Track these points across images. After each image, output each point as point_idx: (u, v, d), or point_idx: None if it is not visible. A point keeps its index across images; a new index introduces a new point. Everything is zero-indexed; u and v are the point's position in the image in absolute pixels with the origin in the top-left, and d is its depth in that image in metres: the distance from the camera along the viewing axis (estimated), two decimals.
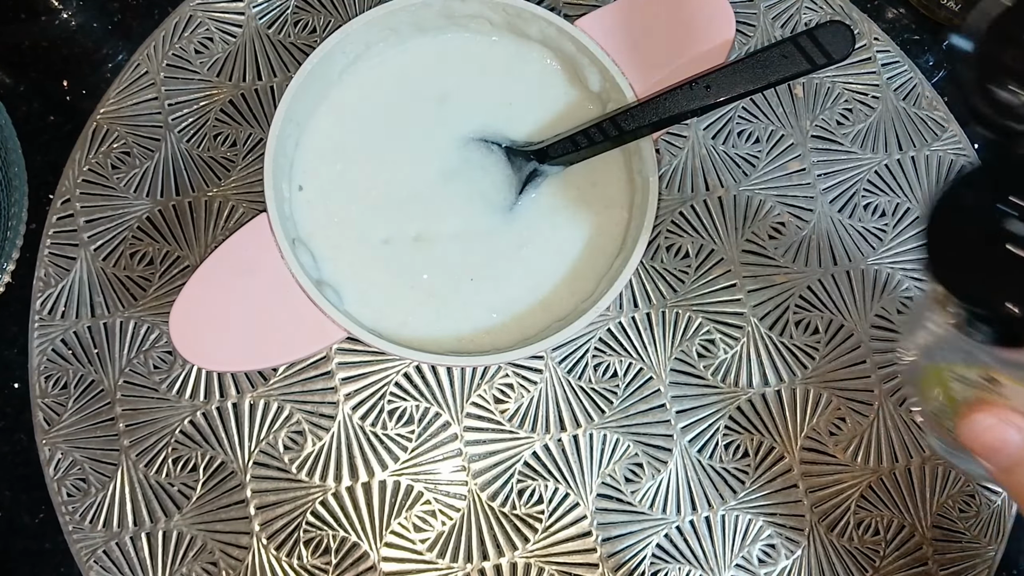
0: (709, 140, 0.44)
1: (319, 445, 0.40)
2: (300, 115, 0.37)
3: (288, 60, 0.45)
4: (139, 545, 0.39)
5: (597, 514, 0.40)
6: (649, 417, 0.41)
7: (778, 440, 0.41)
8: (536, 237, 0.38)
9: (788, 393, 0.41)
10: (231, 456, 0.40)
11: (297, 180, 0.38)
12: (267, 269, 0.34)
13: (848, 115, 0.45)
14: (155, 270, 0.42)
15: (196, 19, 0.45)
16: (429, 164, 0.38)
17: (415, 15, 0.38)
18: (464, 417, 0.41)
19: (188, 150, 0.43)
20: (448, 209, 0.38)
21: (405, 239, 0.38)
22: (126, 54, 0.45)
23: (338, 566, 0.39)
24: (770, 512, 0.40)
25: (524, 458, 0.40)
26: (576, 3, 0.46)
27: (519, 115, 0.39)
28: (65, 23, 0.46)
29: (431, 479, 0.40)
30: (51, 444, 0.40)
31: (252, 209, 0.42)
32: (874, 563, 0.40)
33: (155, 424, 0.40)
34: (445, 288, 0.37)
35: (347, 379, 0.41)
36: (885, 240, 0.44)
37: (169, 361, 0.41)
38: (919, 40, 0.47)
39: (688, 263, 0.43)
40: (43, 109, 0.44)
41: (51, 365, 0.41)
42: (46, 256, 0.42)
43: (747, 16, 0.46)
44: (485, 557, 0.39)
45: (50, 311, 0.41)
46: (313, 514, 0.39)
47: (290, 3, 0.45)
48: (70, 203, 0.42)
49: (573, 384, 0.41)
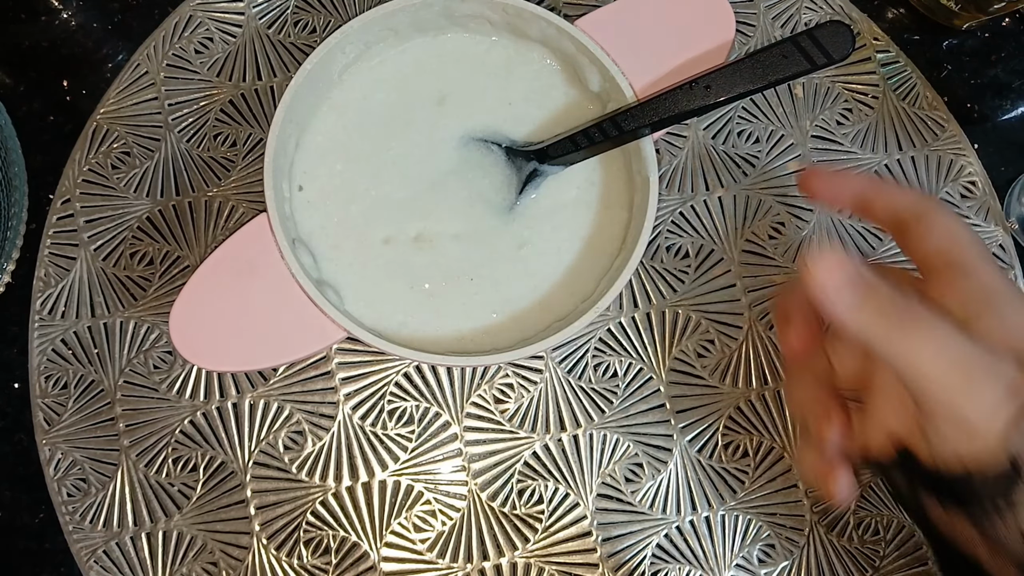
0: (709, 140, 0.44)
1: (319, 445, 0.40)
2: (300, 115, 0.37)
3: (288, 60, 0.45)
4: (139, 545, 0.39)
5: (597, 514, 0.40)
6: (649, 417, 0.41)
7: (778, 440, 0.41)
8: (536, 237, 0.38)
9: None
10: (231, 456, 0.40)
11: (297, 180, 0.38)
12: (267, 269, 0.34)
13: (848, 115, 0.45)
14: (155, 270, 0.42)
15: (196, 19, 0.45)
16: (429, 164, 0.38)
17: (415, 15, 0.38)
18: (464, 417, 0.41)
19: (188, 150, 0.43)
20: (448, 209, 0.38)
21: (405, 239, 0.37)
22: (126, 54, 0.45)
23: (338, 566, 0.39)
24: (770, 512, 0.40)
25: (524, 458, 0.40)
26: (576, 3, 0.46)
27: (519, 115, 0.39)
28: (65, 23, 0.46)
29: (431, 479, 0.40)
30: (51, 444, 0.40)
31: (252, 209, 0.42)
32: (874, 563, 0.40)
33: (155, 424, 0.40)
34: (445, 288, 0.37)
35: (347, 379, 0.41)
36: (885, 240, 0.44)
37: (169, 361, 0.41)
38: (919, 40, 0.47)
39: (688, 263, 0.43)
40: (43, 109, 0.44)
41: (51, 365, 0.41)
42: (46, 256, 0.42)
43: (747, 16, 0.46)
44: (485, 557, 0.39)
45: (50, 311, 0.41)
46: (313, 514, 0.39)
47: (290, 3, 0.45)
48: (70, 203, 0.42)
49: (573, 384, 0.41)
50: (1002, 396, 0.23)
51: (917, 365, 0.24)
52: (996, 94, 0.47)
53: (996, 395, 0.23)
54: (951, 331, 0.24)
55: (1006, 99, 0.47)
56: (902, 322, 0.24)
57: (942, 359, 0.24)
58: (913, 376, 0.24)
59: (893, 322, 0.24)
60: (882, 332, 0.24)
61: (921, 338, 0.24)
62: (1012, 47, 0.48)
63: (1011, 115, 0.47)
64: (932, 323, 0.24)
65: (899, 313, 0.24)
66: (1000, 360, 0.24)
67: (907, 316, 0.24)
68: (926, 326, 0.24)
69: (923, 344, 0.24)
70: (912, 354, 0.24)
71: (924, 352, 0.24)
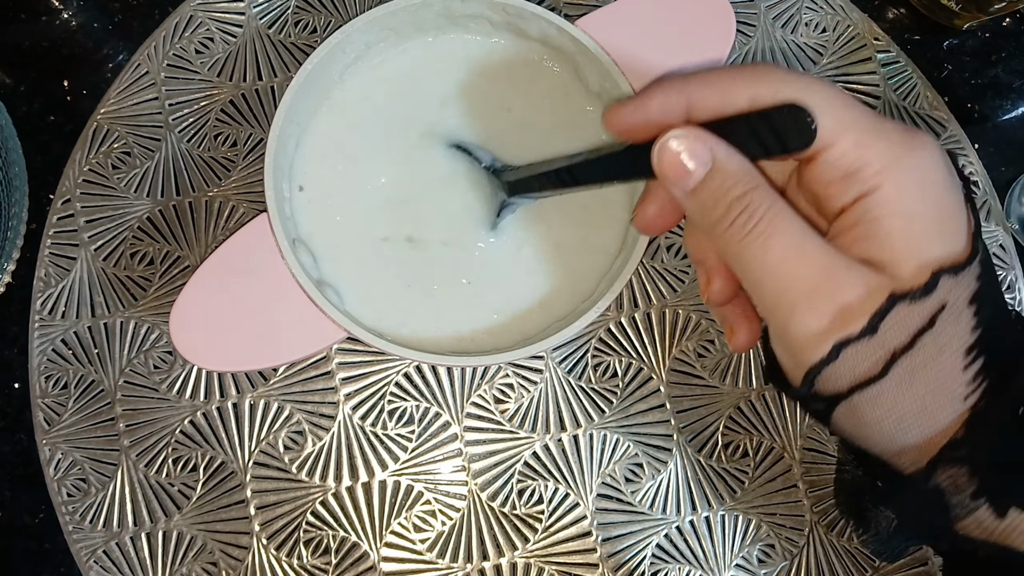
0: None
1: (319, 445, 0.40)
2: (300, 115, 0.37)
3: (288, 60, 0.45)
4: (139, 545, 0.39)
5: (597, 514, 0.40)
6: (649, 417, 0.41)
7: (778, 440, 0.41)
8: (535, 237, 0.38)
9: None
10: (231, 456, 0.40)
11: (297, 180, 0.38)
12: (267, 269, 0.34)
13: None
14: (155, 270, 0.42)
15: (196, 19, 0.45)
16: (427, 166, 0.38)
17: (415, 15, 0.38)
18: (464, 417, 0.41)
19: (188, 150, 0.43)
20: (443, 213, 0.38)
21: (404, 240, 0.37)
22: (126, 54, 0.45)
23: (338, 566, 0.39)
24: (770, 512, 0.40)
25: (524, 458, 0.40)
26: (576, 3, 0.46)
27: (518, 116, 0.39)
28: (65, 23, 0.46)
29: (431, 479, 0.40)
30: (51, 444, 0.40)
31: (252, 209, 0.42)
32: (874, 563, 0.40)
33: (155, 424, 0.40)
34: (445, 288, 0.37)
35: (347, 379, 0.41)
36: None
37: (169, 361, 0.41)
38: (919, 40, 0.47)
39: (688, 262, 0.43)
40: (43, 109, 0.44)
41: (51, 365, 0.41)
42: (46, 256, 0.42)
43: (747, 16, 0.46)
44: (485, 557, 0.39)
45: (50, 311, 0.41)
46: (313, 514, 0.39)
47: (290, 3, 0.46)
48: (70, 203, 0.42)
49: (573, 384, 0.41)
50: (825, 325, 0.21)
51: (751, 273, 0.22)
52: (996, 94, 0.47)
53: (821, 323, 0.21)
54: (799, 235, 0.22)
55: (1006, 99, 0.47)
56: (745, 218, 0.22)
57: (781, 271, 0.21)
58: (746, 284, 0.22)
59: (732, 216, 0.22)
60: (719, 228, 0.22)
61: (761, 244, 0.22)
62: (1012, 47, 0.48)
63: (1011, 115, 0.47)
64: (780, 223, 0.22)
65: (743, 204, 0.22)
66: (848, 272, 0.21)
67: (754, 209, 0.22)
68: (772, 226, 0.22)
69: (759, 249, 0.22)
70: (747, 259, 0.22)
71: (761, 259, 0.22)
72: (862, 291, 0.21)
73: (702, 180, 0.23)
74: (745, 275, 0.22)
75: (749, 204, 0.22)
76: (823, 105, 0.22)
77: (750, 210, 0.22)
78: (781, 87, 0.22)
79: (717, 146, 0.23)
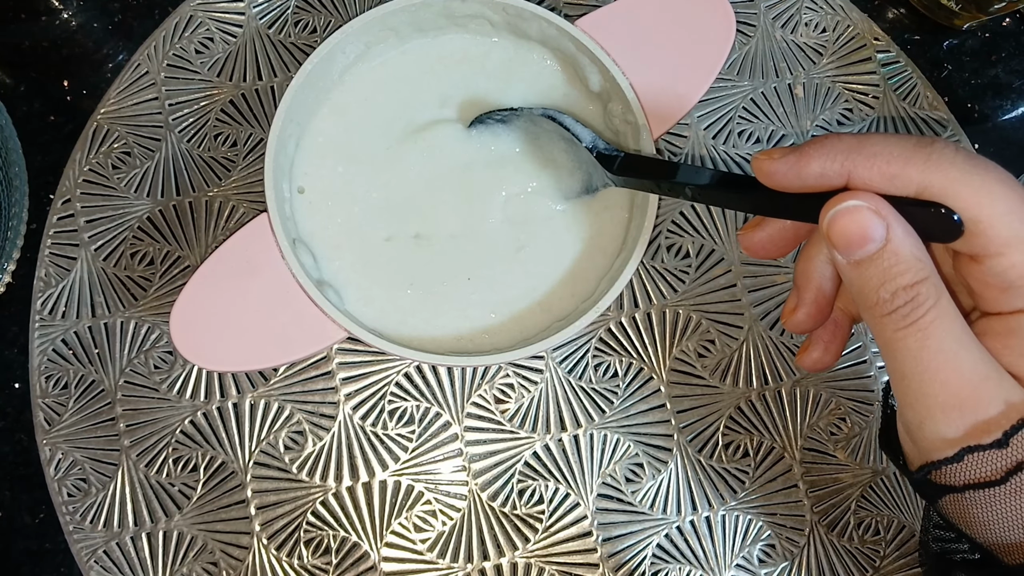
0: (709, 140, 0.44)
1: (319, 445, 0.40)
2: (301, 115, 0.37)
3: (288, 60, 0.45)
4: (139, 545, 0.39)
5: (597, 514, 0.40)
6: (649, 417, 0.41)
7: (778, 440, 0.41)
8: (535, 237, 0.38)
9: (788, 393, 0.41)
10: (231, 456, 0.40)
11: (298, 180, 0.38)
12: (267, 269, 0.34)
13: (849, 115, 0.45)
14: (155, 270, 0.42)
15: (196, 19, 0.45)
16: (428, 165, 0.38)
17: (415, 15, 0.38)
18: (464, 417, 0.41)
19: (188, 150, 0.43)
20: (446, 210, 0.38)
21: (405, 240, 0.37)
22: (126, 54, 0.45)
23: (338, 566, 0.39)
24: (770, 512, 0.40)
25: (524, 458, 0.40)
26: (576, 3, 0.46)
27: None
28: (65, 23, 0.46)
29: (431, 479, 0.40)
30: (51, 444, 0.40)
31: (252, 209, 0.42)
32: (874, 563, 0.40)
33: (155, 424, 0.40)
34: (445, 288, 0.37)
35: (347, 379, 0.41)
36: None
37: (169, 361, 0.41)
38: (919, 40, 0.47)
39: (688, 263, 0.43)
40: (43, 109, 0.44)
41: (51, 365, 0.41)
42: (46, 256, 0.42)
43: (747, 16, 0.46)
44: (485, 557, 0.39)
45: (50, 311, 0.41)
46: (313, 514, 0.39)
47: (290, 3, 0.46)
48: (70, 203, 0.42)
49: (573, 384, 0.41)
50: (959, 436, 0.21)
51: (898, 364, 0.21)
52: (996, 94, 0.47)
53: (955, 433, 0.21)
54: (957, 340, 0.21)
55: (1006, 99, 0.47)
56: (909, 309, 0.21)
57: (929, 373, 0.21)
58: (889, 368, 0.22)
59: (896, 304, 0.21)
60: (877, 310, 0.21)
61: (917, 341, 0.21)
62: (1012, 47, 0.48)
63: (1011, 115, 0.47)
64: (942, 325, 0.21)
65: (911, 295, 0.21)
66: (996, 388, 0.21)
67: (920, 303, 0.21)
68: (934, 326, 0.21)
69: (914, 344, 0.21)
70: (898, 350, 0.21)
71: (914, 356, 0.21)
72: (1003, 407, 0.21)
73: (871, 255, 0.21)
74: (891, 362, 0.22)
75: (917, 296, 0.21)
76: (1001, 210, 0.21)
77: (916, 303, 0.21)
78: (959, 188, 0.21)
79: (895, 223, 0.21)
